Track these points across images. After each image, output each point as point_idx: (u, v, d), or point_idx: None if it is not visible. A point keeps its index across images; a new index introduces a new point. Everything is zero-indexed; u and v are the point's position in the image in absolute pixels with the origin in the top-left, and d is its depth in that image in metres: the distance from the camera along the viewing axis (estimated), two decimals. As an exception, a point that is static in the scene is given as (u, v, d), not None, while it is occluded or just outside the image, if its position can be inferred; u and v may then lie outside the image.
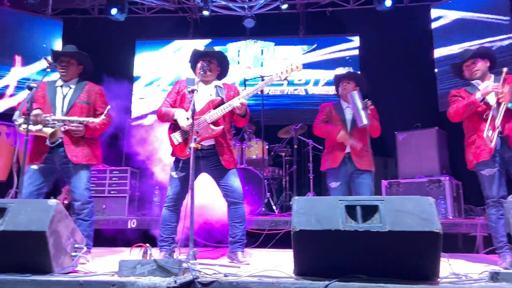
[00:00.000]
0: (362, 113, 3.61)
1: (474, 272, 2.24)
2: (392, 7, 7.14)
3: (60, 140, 3.29)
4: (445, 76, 6.97)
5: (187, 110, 3.20)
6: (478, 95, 3.26)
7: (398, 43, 7.52)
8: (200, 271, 2.17)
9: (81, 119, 3.32)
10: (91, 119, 3.34)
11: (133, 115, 7.83)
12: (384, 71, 7.44)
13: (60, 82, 3.50)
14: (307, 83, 8.29)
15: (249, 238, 4.45)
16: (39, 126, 3.20)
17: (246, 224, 3.37)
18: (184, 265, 2.14)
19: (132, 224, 4.74)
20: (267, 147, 6.16)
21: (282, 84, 8.29)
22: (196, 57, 3.44)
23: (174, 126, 3.32)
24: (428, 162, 5.41)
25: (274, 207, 5.53)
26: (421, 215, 2.01)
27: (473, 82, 3.48)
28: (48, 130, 3.22)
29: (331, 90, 8.06)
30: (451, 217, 4.82)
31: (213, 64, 3.41)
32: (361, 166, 3.74)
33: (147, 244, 2.27)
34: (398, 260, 2.07)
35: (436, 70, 7.11)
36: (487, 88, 3.22)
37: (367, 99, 3.66)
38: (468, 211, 5.39)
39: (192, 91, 2.90)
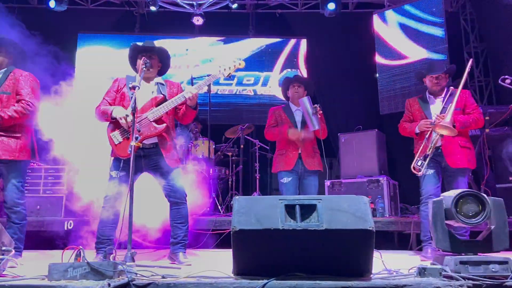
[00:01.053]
0: (313, 118, 3.81)
1: (406, 268, 2.34)
2: (336, 12, 7.37)
3: None
4: (385, 81, 7.31)
5: (127, 109, 3.09)
6: (416, 129, 3.68)
7: (343, 48, 7.78)
8: (136, 273, 2.10)
9: None
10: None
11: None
12: (329, 74, 7.67)
13: None
14: (255, 83, 8.35)
15: (193, 239, 4.42)
16: None
17: (189, 225, 3.32)
18: (120, 267, 2.07)
19: (69, 225, 4.52)
20: (213, 146, 6.13)
21: (231, 84, 8.30)
22: (136, 53, 3.33)
23: (114, 125, 3.19)
24: (368, 163, 5.63)
25: (219, 207, 5.51)
26: (356, 214, 2.08)
27: (428, 93, 3.81)
28: None
29: (280, 90, 8.18)
30: (388, 216, 5.04)
31: (154, 60, 3.32)
32: (310, 167, 3.96)
33: (80, 246, 2.17)
34: (334, 257, 2.13)
35: (377, 75, 7.42)
36: (421, 127, 3.62)
37: (316, 105, 3.84)
38: (404, 210, 5.68)
39: (134, 88, 2.81)
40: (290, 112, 4.13)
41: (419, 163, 3.52)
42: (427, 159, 3.51)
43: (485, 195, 2.26)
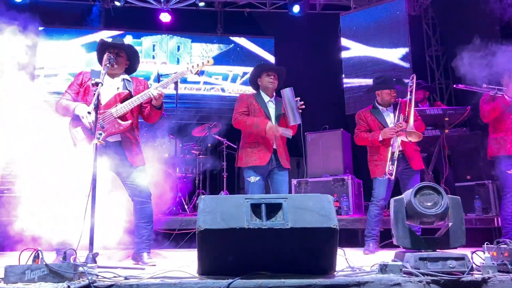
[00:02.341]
0: (295, 111, 3.56)
1: (369, 265, 2.40)
2: (302, 13, 7.46)
3: None
4: (351, 80, 7.46)
5: (90, 104, 3.00)
6: (380, 137, 3.91)
7: (310, 48, 7.88)
8: (97, 275, 2.05)
9: None
10: None
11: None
12: (296, 74, 7.72)
13: None
14: (224, 81, 8.32)
15: (159, 239, 4.35)
16: None
17: (155, 224, 3.27)
18: (80, 269, 2.01)
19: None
20: (180, 145, 6.06)
21: (198, 82, 8.23)
22: (103, 49, 3.23)
23: (77, 121, 3.09)
24: (334, 162, 5.73)
25: (186, 207, 5.45)
26: (320, 212, 2.11)
27: (378, 104, 4.09)
28: None
29: (248, 89, 8.17)
30: (352, 214, 5.15)
31: (121, 57, 3.23)
32: (285, 164, 3.75)
33: (39, 248, 2.09)
34: (299, 256, 2.15)
35: (343, 75, 7.56)
36: (386, 134, 3.87)
37: (298, 98, 3.60)
38: (368, 208, 5.80)
39: (96, 84, 2.73)
40: (263, 103, 3.77)
41: (390, 168, 3.78)
42: (396, 164, 3.78)
43: (448, 195, 2.34)
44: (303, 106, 3.61)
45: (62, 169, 2.97)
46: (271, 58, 8.32)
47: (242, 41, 8.43)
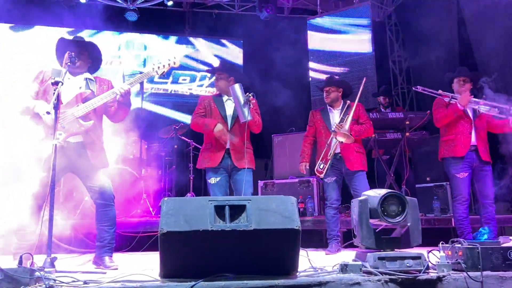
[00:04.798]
0: (245, 108, 3.45)
1: (331, 265, 2.45)
2: (271, 16, 7.52)
3: None
4: (318, 84, 7.58)
5: (50, 103, 2.90)
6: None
7: (278, 50, 7.94)
8: (55, 280, 1.99)
9: None
10: None
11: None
12: (264, 76, 7.78)
13: None
14: (191, 82, 8.26)
15: (122, 242, 4.26)
16: None
17: (118, 227, 3.20)
18: (37, 273, 1.95)
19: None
20: (146, 146, 5.96)
21: (166, 82, 8.14)
22: (64, 47, 3.14)
23: (37, 120, 2.98)
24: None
25: (151, 209, 5.37)
26: (283, 213, 2.13)
27: (328, 105, 4.22)
28: None
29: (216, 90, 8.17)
30: (317, 215, 5.23)
31: (83, 56, 3.15)
32: (240, 165, 3.62)
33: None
34: (263, 257, 2.17)
35: (310, 78, 7.68)
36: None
37: (249, 93, 3.50)
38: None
39: (56, 83, 2.65)
40: (221, 103, 3.74)
41: (321, 166, 3.95)
42: (328, 163, 3.93)
43: (406, 197, 2.41)
44: (255, 101, 3.56)
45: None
46: (239, 60, 8.34)
47: (210, 42, 8.41)
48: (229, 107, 3.74)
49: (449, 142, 3.98)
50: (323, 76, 7.57)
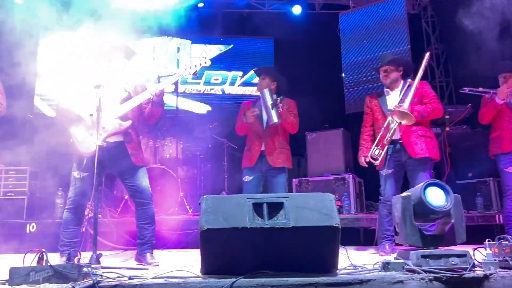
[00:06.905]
0: (272, 111, 3.62)
1: (371, 263, 2.41)
2: (303, 13, 7.46)
3: None
4: (351, 81, 7.47)
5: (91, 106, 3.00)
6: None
7: (310, 47, 7.87)
8: (102, 275, 2.06)
9: None
10: None
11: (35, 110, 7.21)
12: (296, 74, 7.73)
13: None
14: (223, 82, 8.32)
15: (161, 239, 4.36)
16: None
17: (157, 225, 3.28)
18: (84, 269, 2.02)
19: (31, 228, 4.36)
20: (181, 146, 6.06)
21: (198, 83, 8.24)
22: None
23: (77, 121, 3.09)
24: (334, 161, 5.73)
25: (187, 207, 5.46)
26: (322, 211, 2.11)
27: (385, 87, 3.75)
28: None
29: (248, 90, 8.19)
30: (353, 212, 5.16)
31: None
32: (275, 164, 3.77)
33: (43, 249, 2.10)
34: (301, 254, 2.16)
35: (343, 75, 7.57)
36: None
37: (278, 97, 3.66)
38: (369, 207, 5.83)
39: (98, 86, 2.75)
40: (259, 105, 3.92)
41: (376, 152, 3.48)
42: (385, 149, 3.47)
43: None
44: (281, 104, 3.73)
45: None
46: (270, 59, 8.32)
47: (241, 42, 8.44)
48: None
49: (496, 139, 3.89)
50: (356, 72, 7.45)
